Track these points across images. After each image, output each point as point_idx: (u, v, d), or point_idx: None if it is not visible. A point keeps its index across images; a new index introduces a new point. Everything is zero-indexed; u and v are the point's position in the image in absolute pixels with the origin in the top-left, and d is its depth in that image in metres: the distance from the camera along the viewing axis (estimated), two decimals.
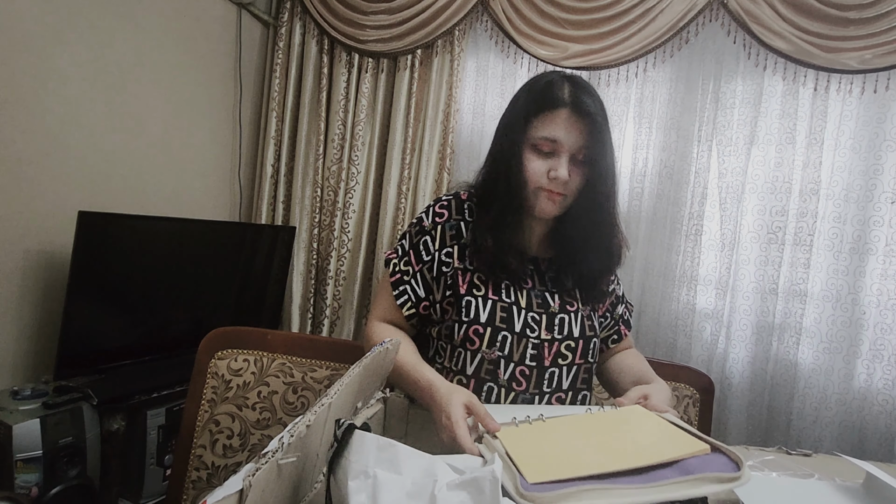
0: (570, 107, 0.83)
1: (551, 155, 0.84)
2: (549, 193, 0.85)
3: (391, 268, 0.93)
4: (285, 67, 2.18)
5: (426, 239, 0.91)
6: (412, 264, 0.91)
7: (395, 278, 0.92)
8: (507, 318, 0.85)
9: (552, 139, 0.83)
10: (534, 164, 0.84)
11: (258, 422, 0.99)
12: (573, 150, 0.83)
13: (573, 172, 0.84)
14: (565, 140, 0.83)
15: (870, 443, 1.66)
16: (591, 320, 0.92)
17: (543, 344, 0.86)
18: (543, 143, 0.84)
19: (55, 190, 1.50)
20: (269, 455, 0.41)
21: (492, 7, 1.96)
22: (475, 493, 0.41)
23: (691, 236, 1.86)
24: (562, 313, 0.88)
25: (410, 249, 0.92)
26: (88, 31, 1.56)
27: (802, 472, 0.74)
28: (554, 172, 0.83)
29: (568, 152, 0.83)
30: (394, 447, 0.45)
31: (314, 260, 2.20)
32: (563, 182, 0.84)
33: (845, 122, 1.72)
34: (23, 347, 1.46)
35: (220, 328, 0.99)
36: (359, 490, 0.43)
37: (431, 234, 0.91)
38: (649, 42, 1.81)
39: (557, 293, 0.90)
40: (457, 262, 0.89)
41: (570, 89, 0.84)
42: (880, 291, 1.68)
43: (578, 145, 0.83)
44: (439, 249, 0.90)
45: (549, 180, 0.84)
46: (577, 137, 0.83)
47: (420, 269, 0.91)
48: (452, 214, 0.92)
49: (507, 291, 0.87)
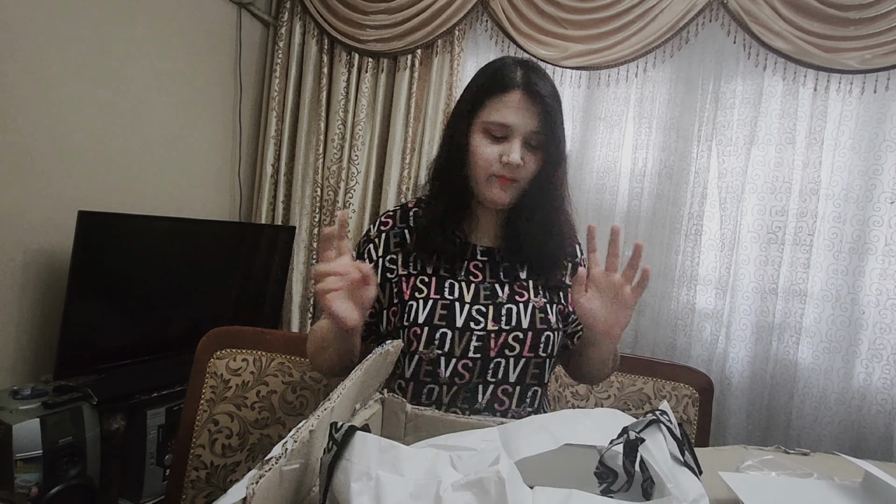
0: (522, 88, 0.80)
1: (503, 139, 0.82)
2: (501, 181, 0.83)
3: None
4: (285, 67, 2.18)
5: (370, 247, 0.90)
6: None
7: None
8: (446, 314, 0.83)
9: (504, 123, 0.80)
10: (485, 148, 0.82)
11: (257, 421, 0.99)
12: (526, 133, 0.81)
13: (526, 157, 0.82)
14: (518, 123, 0.80)
15: (869, 442, 1.66)
16: (545, 313, 0.87)
17: (490, 335, 0.83)
18: (495, 127, 0.81)
19: (55, 190, 1.50)
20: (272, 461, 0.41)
21: (492, 7, 1.96)
22: (480, 493, 0.41)
23: (691, 236, 1.86)
24: (510, 304, 0.86)
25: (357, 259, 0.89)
26: (88, 31, 1.56)
27: (801, 471, 0.74)
28: (506, 157, 0.80)
29: (521, 136, 0.81)
30: (396, 448, 0.45)
31: (314, 260, 2.20)
32: (516, 166, 0.81)
33: (845, 122, 1.72)
34: (23, 347, 1.46)
35: (219, 328, 0.99)
36: (361, 492, 0.43)
37: (375, 241, 0.90)
38: (649, 42, 1.81)
39: (508, 283, 0.88)
40: (401, 269, 0.88)
41: (522, 72, 0.82)
42: (879, 291, 1.68)
43: (531, 129, 0.81)
44: (383, 256, 0.89)
45: (502, 165, 0.81)
46: (529, 120, 0.80)
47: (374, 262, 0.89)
48: (397, 223, 0.91)
49: (451, 288, 0.85)
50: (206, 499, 0.96)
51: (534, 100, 0.80)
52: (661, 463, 0.49)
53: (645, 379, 1.19)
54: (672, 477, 0.47)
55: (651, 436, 0.53)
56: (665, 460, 0.50)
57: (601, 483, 0.53)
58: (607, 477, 0.53)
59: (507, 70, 0.83)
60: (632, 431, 0.53)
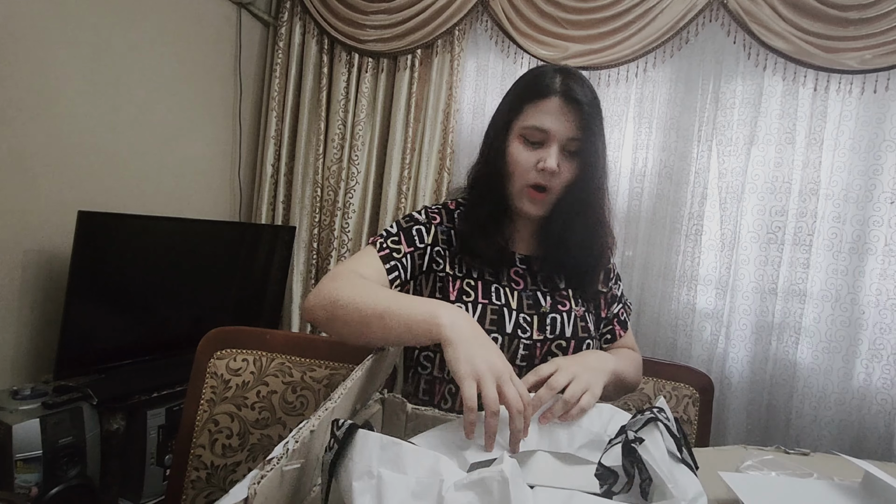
0: (560, 95, 0.80)
1: (540, 145, 0.81)
2: (533, 193, 0.83)
3: (378, 245, 0.84)
4: (285, 67, 2.18)
5: (420, 227, 0.87)
6: (402, 244, 0.85)
7: (384, 253, 0.83)
8: (497, 320, 0.83)
9: (541, 128, 0.80)
10: (522, 155, 0.82)
11: (257, 421, 0.99)
12: (563, 140, 0.81)
13: (563, 165, 0.81)
14: (555, 129, 0.80)
15: (869, 442, 1.66)
16: (584, 321, 0.89)
17: (535, 344, 0.84)
18: (532, 132, 0.81)
19: (55, 190, 1.50)
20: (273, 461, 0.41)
21: (492, 7, 1.96)
22: (483, 493, 0.41)
23: (691, 236, 1.86)
24: (553, 313, 0.86)
25: (400, 232, 0.87)
26: (88, 31, 1.56)
27: (801, 471, 0.74)
28: (542, 163, 0.80)
29: (558, 142, 0.80)
30: (398, 445, 0.45)
31: (314, 260, 2.20)
32: (552, 173, 0.80)
33: (845, 122, 1.72)
34: (23, 347, 1.46)
35: (219, 328, 0.99)
36: (363, 491, 0.42)
37: (426, 226, 0.88)
38: (649, 42, 1.81)
39: (549, 293, 0.88)
40: (448, 268, 0.87)
41: (561, 78, 0.81)
42: (879, 291, 1.68)
43: (569, 135, 0.80)
44: (432, 245, 0.87)
45: (538, 172, 0.81)
46: (567, 127, 0.80)
47: (411, 251, 0.86)
48: (444, 220, 0.90)
49: (497, 294, 0.86)
50: (206, 499, 0.96)
51: (572, 105, 0.80)
52: (660, 462, 0.49)
53: (645, 379, 1.19)
54: (671, 476, 0.47)
55: (649, 434, 0.53)
56: (663, 459, 0.50)
57: (602, 485, 0.53)
58: (608, 478, 0.54)
59: (545, 77, 0.82)
60: (630, 431, 0.53)
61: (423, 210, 0.92)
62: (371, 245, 0.85)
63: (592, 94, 0.82)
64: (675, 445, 0.53)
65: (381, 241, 0.85)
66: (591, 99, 0.81)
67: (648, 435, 0.53)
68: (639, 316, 1.94)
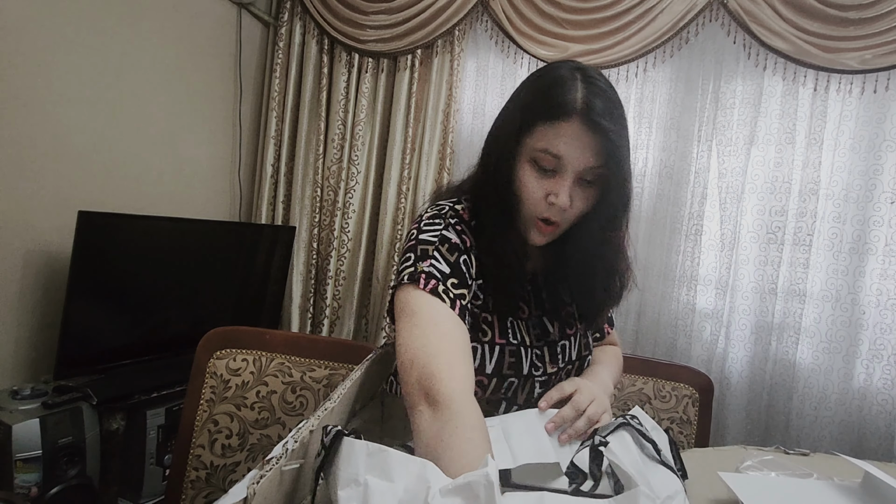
0: (580, 116, 0.66)
1: (552, 174, 0.69)
2: (541, 226, 0.72)
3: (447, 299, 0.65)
4: (285, 67, 2.18)
5: (465, 258, 0.71)
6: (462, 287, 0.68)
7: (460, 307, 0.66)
8: (514, 363, 0.74)
9: (555, 154, 0.67)
10: (531, 184, 0.70)
11: (257, 421, 0.99)
12: (580, 169, 0.68)
13: (576, 195, 0.69)
14: (571, 157, 0.67)
15: (869, 442, 1.66)
16: (586, 338, 0.85)
17: (550, 378, 0.78)
18: (545, 158, 0.68)
19: (55, 190, 1.50)
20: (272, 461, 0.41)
21: (492, 7, 1.96)
22: (469, 497, 0.41)
23: (691, 236, 1.86)
24: (563, 340, 0.80)
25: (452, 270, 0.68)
26: (88, 31, 1.56)
27: (801, 471, 0.74)
28: (553, 197, 0.68)
29: (573, 172, 0.68)
30: (384, 452, 0.44)
31: (314, 260, 2.20)
32: (562, 210, 0.69)
33: (845, 122, 1.72)
34: (23, 347, 1.46)
35: (219, 328, 0.99)
36: (349, 499, 0.42)
37: (467, 253, 0.72)
38: (649, 42, 1.81)
39: (554, 313, 0.80)
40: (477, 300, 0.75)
41: (585, 94, 0.66)
42: (880, 291, 1.67)
43: (588, 165, 0.67)
44: (476, 279, 0.73)
45: (548, 207, 0.70)
46: (586, 155, 0.67)
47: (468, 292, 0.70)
48: (473, 244, 0.74)
49: (513, 330, 0.76)
50: (205, 499, 0.96)
51: (594, 130, 0.66)
52: (629, 464, 0.50)
53: (645, 379, 1.19)
54: (641, 476, 0.48)
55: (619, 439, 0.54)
56: (633, 462, 0.51)
57: (571, 483, 0.54)
58: (576, 477, 0.54)
59: (563, 87, 0.68)
60: (598, 436, 0.54)
61: (451, 227, 0.72)
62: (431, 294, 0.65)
63: (618, 107, 0.69)
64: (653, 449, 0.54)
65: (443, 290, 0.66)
66: (617, 117, 0.68)
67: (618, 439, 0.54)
68: (639, 316, 1.94)
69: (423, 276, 0.66)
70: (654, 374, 1.19)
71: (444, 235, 0.71)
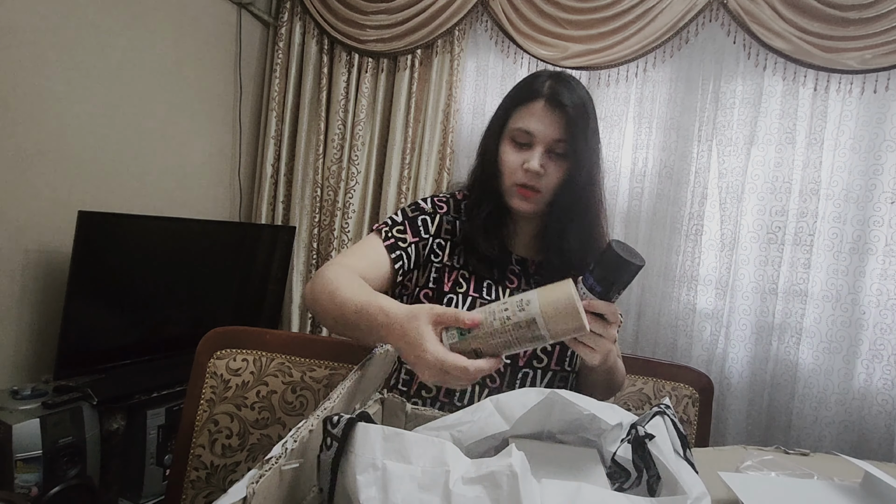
0: (546, 98, 0.82)
1: (527, 147, 0.84)
2: (523, 191, 0.85)
3: (383, 234, 0.87)
4: (285, 67, 2.18)
5: (425, 217, 0.90)
6: (407, 233, 0.88)
7: (389, 242, 0.86)
8: None
9: (527, 130, 0.83)
10: (509, 156, 0.85)
11: (257, 421, 0.99)
12: (548, 142, 0.83)
13: (549, 166, 0.83)
14: (539, 131, 0.82)
15: (869, 442, 1.66)
16: None
17: None
18: (519, 134, 0.84)
19: (55, 190, 1.50)
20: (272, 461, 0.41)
21: (492, 7, 1.96)
22: (491, 487, 0.40)
23: (691, 236, 1.86)
24: None
25: (406, 221, 0.89)
26: (88, 31, 1.56)
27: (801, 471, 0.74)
28: (527, 164, 0.82)
29: (543, 144, 0.83)
30: (400, 435, 0.44)
31: (314, 260, 2.20)
32: (536, 174, 0.82)
33: (845, 122, 1.72)
34: (23, 347, 1.46)
35: (219, 328, 0.99)
36: (368, 484, 0.42)
37: (432, 216, 0.90)
38: (649, 42, 1.81)
39: None
40: (446, 258, 0.89)
41: (551, 83, 0.84)
42: (880, 291, 1.67)
43: (554, 137, 0.82)
44: (434, 236, 0.90)
45: (524, 173, 0.83)
46: (552, 129, 0.82)
47: (416, 241, 0.88)
48: (451, 210, 0.93)
49: (489, 289, 0.88)
50: (206, 499, 0.96)
51: (557, 108, 0.82)
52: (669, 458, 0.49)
53: (645, 379, 1.19)
54: (678, 473, 0.47)
55: (656, 429, 0.53)
56: (671, 456, 0.50)
57: (613, 483, 0.53)
58: (619, 476, 0.54)
59: (535, 81, 0.85)
60: (640, 427, 0.53)
61: (430, 199, 0.93)
62: (375, 233, 0.88)
63: (582, 97, 0.84)
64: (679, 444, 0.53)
65: (386, 230, 0.88)
66: (579, 102, 0.83)
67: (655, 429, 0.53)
68: (639, 316, 1.94)
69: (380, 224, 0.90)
70: (655, 374, 1.19)
71: (417, 202, 0.93)
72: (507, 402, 0.56)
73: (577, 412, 0.55)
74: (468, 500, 0.40)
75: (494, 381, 0.85)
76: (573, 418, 0.57)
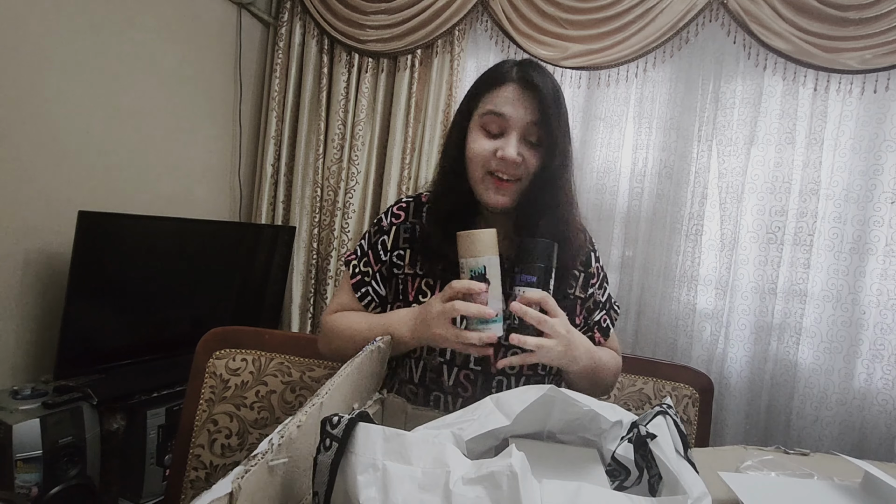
0: (517, 81, 0.78)
1: (500, 135, 0.78)
2: (498, 183, 0.78)
3: (351, 269, 0.89)
4: (285, 67, 2.18)
5: (383, 238, 0.88)
6: (371, 265, 0.88)
7: (356, 280, 0.88)
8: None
9: (498, 113, 0.77)
10: (480, 143, 0.78)
11: (256, 421, 0.99)
12: (522, 127, 0.77)
13: (525, 154, 0.78)
14: (513, 115, 0.77)
15: (869, 442, 1.66)
16: None
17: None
18: (490, 119, 0.78)
19: (55, 190, 1.50)
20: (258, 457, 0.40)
21: (492, 7, 1.96)
22: (491, 487, 0.40)
23: (691, 236, 1.86)
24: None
25: (369, 250, 0.88)
26: (88, 31, 1.56)
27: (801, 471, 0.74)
28: (501, 152, 0.76)
29: (517, 130, 0.77)
30: (401, 436, 0.44)
31: (314, 260, 2.20)
32: (513, 162, 0.76)
33: (845, 122, 1.71)
34: (23, 347, 1.46)
35: (218, 328, 0.99)
36: (368, 484, 0.42)
37: (388, 232, 0.88)
38: (649, 42, 1.81)
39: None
40: (407, 268, 0.86)
41: (518, 67, 0.79)
42: (880, 291, 1.67)
43: (528, 121, 0.77)
44: (391, 250, 0.87)
45: (498, 161, 0.77)
46: (525, 113, 0.77)
47: (379, 268, 0.88)
48: (409, 217, 0.88)
49: None
50: None
51: (530, 91, 0.77)
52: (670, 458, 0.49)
53: (645, 379, 1.19)
54: (679, 473, 0.47)
55: (657, 428, 0.53)
56: (672, 455, 0.50)
57: (613, 480, 0.53)
58: (619, 474, 0.54)
59: (503, 67, 0.81)
60: (641, 426, 0.53)
61: (390, 210, 0.90)
62: (346, 266, 0.91)
63: (553, 83, 0.79)
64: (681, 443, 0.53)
65: (354, 264, 0.89)
66: (552, 87, 0.78)
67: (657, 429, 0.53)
68: (639, 316, 1.94)
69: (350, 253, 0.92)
70: (654, 374, 1.19)
71: (380, 217, 0.91)
72: (506, 400, 0.56)
73: (577, 410, 0.55)
74: (468, 500, 0.40)
75: (466, 391, 0.82)
76: (573, 417, 0.57)
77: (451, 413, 0.58)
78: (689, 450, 0.54)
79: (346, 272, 0.91)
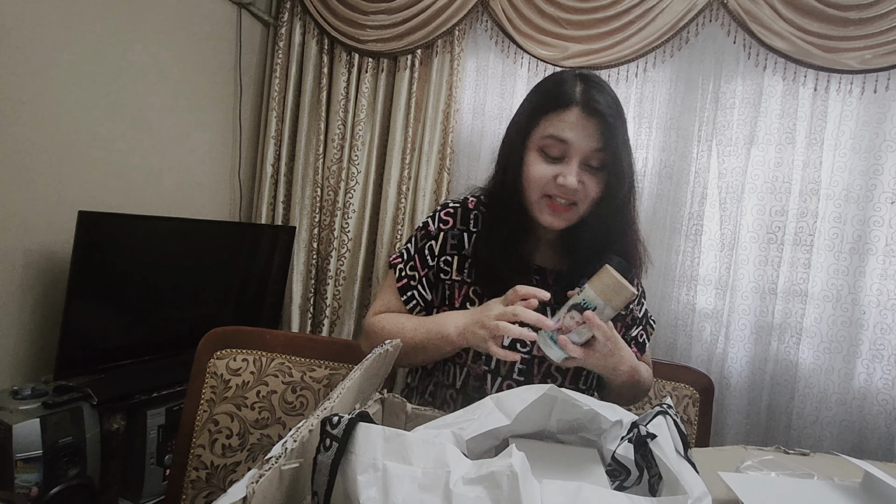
0: (580, 105, 0.75)
1: (560, 160, 0.77)
2: (554, 206, 0.78)
3: (397, 273, 0.90)
4: (285, 67, 2.18)
5: (431, 243, 0.88)
6: (417, 269, 0.89)
7: (402, 283, 0.89)
8: None
9: (561, 139, 0.75)
10: (539, 167, 0.77)
11: (257, 421, 0.99)
12: (585, 154, 0.76)
13: (586, 180, 0.77)
14: (575, 142, 0.75)
15: (869, 442, 1.66)
16: None
17: (534, 360, 0.82)
18: (551, 144, 0.76)
19: (55, 190, 1.50)
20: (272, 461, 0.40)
21: (492, 7, 1.96)
22: (492, 487, 0.40)
23: (691, 236, 1.86)
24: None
25: (416, 254, 0.90)
26: (88, 31, 1.56)
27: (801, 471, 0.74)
28: (562, 178, 0.75)
29: (579, 156, 0.76)
30: (401, 436, 0.44)
31: (314, 260, 2.20)
32: (572, 190, 0.76)
33: (845, 122, 1.71)
34: (23, 347, 1.46)
35: (219, 328, 0.99)
36: (369, 484, 0.42)
37: (436, 238, 0.88)
38: (649, 42, 1.81)
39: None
40: (455, 274, 0.86)
41: (582, 87, 0.77)
42: (880, 291, 1.67)
43: (591, 148, 0.76)
44: (439, 256, 0.88)
45: (557, 186, 0.76)
46: (588, 139, 0.75)
47: (425, 273, 0.88)
48: (457, 223, 0.88)
49: None
50: (206, 499, 0.96)
51: (593, 117, 0.75)
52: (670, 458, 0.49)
53: None
54: (679, 473, 0.47)
55: (657, 428, 0.53)
56: (672, 455, 0.50)
57: (613, 480, 0.53)
58: (619, 474, 0.54)
59: (564, 85, 0.78)
60: (642, 426, 0.54)
61: (437, 215, 0.90)
62: (391, 269, 0.91)
63: (616, 102, 0.78)
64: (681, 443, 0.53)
65: (400, 268, 0.90)
66: (615, 109, 0.77)
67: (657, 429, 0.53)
68: None
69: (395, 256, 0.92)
70: (655, 374, 1.18)
71: (426, 222, 0.90)
72: (507, 399, 0.56)
73: (577, 409, 0.55)
74: (469, 500, 0.40)
75: (499, 371, 0.83)
76: (573, 417, 0.57)
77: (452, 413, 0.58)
78: (689, 450, 0.54)
79: (390, 274, 0.92)
